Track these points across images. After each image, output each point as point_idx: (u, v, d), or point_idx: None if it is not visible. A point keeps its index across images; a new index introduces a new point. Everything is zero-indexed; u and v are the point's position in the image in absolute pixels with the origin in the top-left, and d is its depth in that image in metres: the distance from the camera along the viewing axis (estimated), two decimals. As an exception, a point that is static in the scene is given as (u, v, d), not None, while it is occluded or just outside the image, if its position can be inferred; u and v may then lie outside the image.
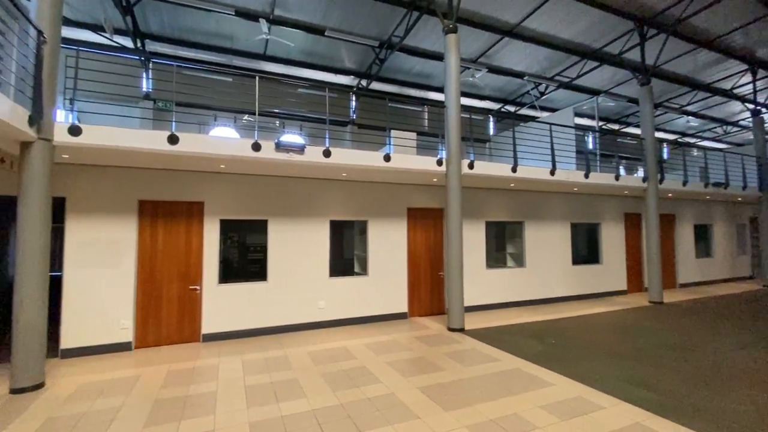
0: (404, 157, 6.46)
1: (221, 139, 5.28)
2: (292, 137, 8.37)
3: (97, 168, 5.63)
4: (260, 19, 8.00)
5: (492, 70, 10.96)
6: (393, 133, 7.83)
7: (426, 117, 13.06)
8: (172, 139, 4.95)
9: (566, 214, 9.77)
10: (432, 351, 5.49)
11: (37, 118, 4.08)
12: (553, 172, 7.88)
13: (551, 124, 8.50)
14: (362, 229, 7.69)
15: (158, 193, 5.95)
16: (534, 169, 7.72)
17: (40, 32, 4.13)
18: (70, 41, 7.98)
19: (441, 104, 7.04)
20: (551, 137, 8.22)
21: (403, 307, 7.61)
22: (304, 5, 7.92)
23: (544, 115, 12.83)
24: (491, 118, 13.95)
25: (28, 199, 4.15)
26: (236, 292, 6.29)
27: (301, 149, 5.55)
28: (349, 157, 5.97)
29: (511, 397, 3.90)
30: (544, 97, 12.58)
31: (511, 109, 13.58)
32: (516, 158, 7.56)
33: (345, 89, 11.28)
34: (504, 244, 9.68)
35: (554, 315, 7.88)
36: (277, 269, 6.60)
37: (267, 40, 9.13)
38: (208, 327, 6.09)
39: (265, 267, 6.57)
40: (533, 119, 12.64)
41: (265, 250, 6.60)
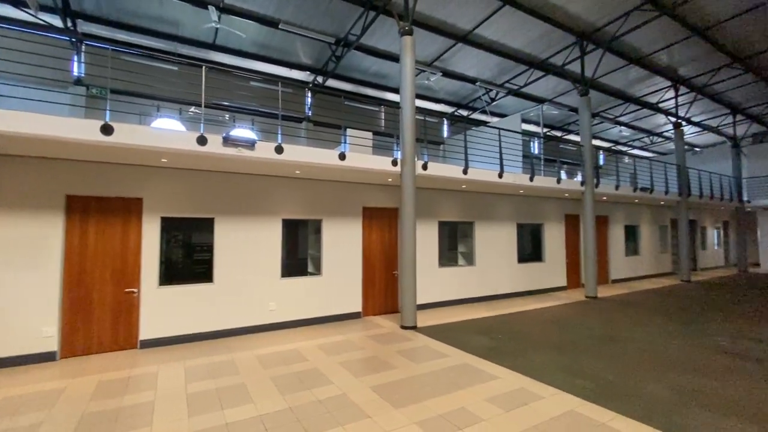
0: (360, 156, 6.44)
1: (163, 131, 4.94)
2: (243, 132, 8.04)
3: (17, 159, 5.03)
4: (209, 6, 7.60)
5: (446, 74, 11.26)
6: (349, 132, 7.79)
7: (382, 117, 13.14)
8: (106, 130, 4.55)
9: (513, 215, 10.29)
10: (385, 349, 5.53)
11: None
12: (501, 175, 8.25)
13: (500, 129, 8.90)
14: (317, 228, 7.57)
15: (90, 187, 5.44)
16: (484, 172, 8.03)
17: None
18: (-16, 15, 7.08)
19: (397, 105, 7.11)
20: (500, 142, 8.61)
21: (357, 307, 7.60)
22: (258, -5, 7.64)
23: (495, 120, 13.41)
24: (445, 121, 14.33)
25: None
26: (179, 295, 5.92)
27: (251, 144, 5.34)
28: (303, 155, 5.84)
29: (460, 392, 4.03)
30: (494, 103, 13.14)
31: (464, 113, 14.04)
32: (467, 161, 7.82)
33: (300, 85, 11.04)
34: (456, 243, 9.99)
35: (502, 311, 8.26)
36: (225, 270, 6.30)
37: (217, 29, 8.69)
38: (146, 332, 5.67)
39: (212, 268, 6.25)
40: (484, 124, 13.16)
41: (211, 249, 6.28)
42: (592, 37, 9.60)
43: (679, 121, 13.76)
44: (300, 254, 8.79)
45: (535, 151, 13.46)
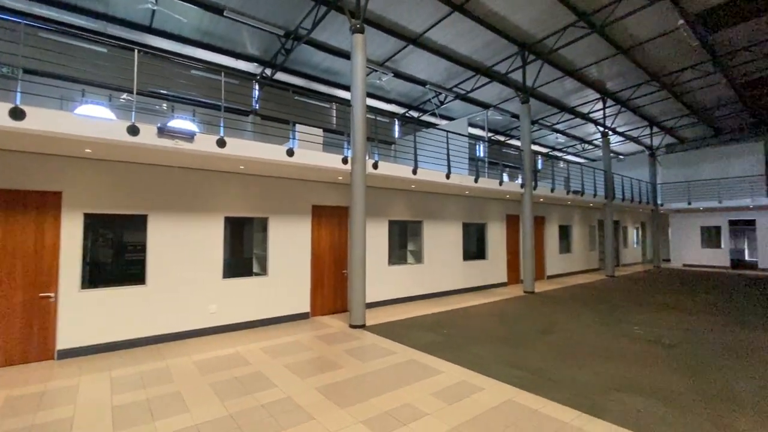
0: (309, 153, 6.30)
1: (87, 118, 4.46)
2: (182, 123, 7.54)
3: None
4: (144, -14, 7.01)
5: (398, 75, 11.39)
6: (298, 128, 7.60)
7: (334, 114, 12.99)
8: (16, 114, 4.02)
9: (459, 215, 10.68)
10: (332, 349, 5.48)
11: None
12: (448, 176, 8.52)
13: (448, 132, 9.19)
14: (263, 226, 7.30)
15: (-5, 179, 4.78)
16: (432, 173, 8.24)
17: None
18: None
19: (348, 103, 7.06)
20: (447, 144, 8.89)
21: (306, 307, 7.44)
22: (200, -21, 7.19)
23: (443, 123, 13.82)
24: (396, 122, 14.50)
25: None
26: (106, 299, 5.40)
27: (190, 136, 5.01)
28: (248, 149, 5.59)
29: (405, 388, 4.10)
30: (443, 106, 13.54)
31: (415, 114, 14.31)
32: (416, 161, 7.98)
33: (247, 77, 10.56)
34: (406, 241, 10.17)
35: (448, 307, 8.54)
36: (159, 271, 5.86)
37: (154, 11, 8.05)
38: (65, 341, 5.11)
39: (145, 268, 5.78)
40: (433, 126, 13.51)
41: (144, 249, 5.80)
42: (532, 49, 10.23)
43: (606, 130, 15.14)
44: (245, 254, 8.44)
45: (481, 154, 14.07)
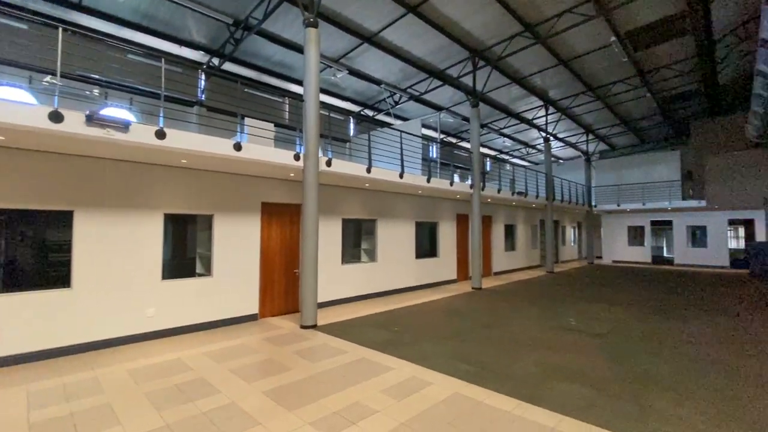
0: (259, 148, 6.06)
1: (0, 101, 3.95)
2: (116, 111, 6.96)
3: None
4: (72, -43, 6.34)
5: (353, 72, 11.33)
6: (248, 121, 7.30)
7: (287, 109, 12.63)
8: None
9: (412, 214, 10.87)
10: (281, 351, 5.33)
11: None
12: (402, 176, 8.62)
13: (402, 132, 9.31)
14: (208, 224, 6.91)
15: None
16: (386, 171, 8.30)
17: None
18: None
19: (302, 98, 6.89)
20: (401, 144, 9.00)
21: (254, 309, 7.17)
22: (138, -44, 6.64)
23: (398, 123, 13.98)
24: (351, 120, 14.43)
25: None
26: (19, 304, 4.82)
27: (124, 126, 4.60)
28: (192, 142, 5.26)
29: (356, 387, 4.09)
30: (398, 106, 13.69)
31: (370, 113, 14.33)
32: (371, 160, 7.99)
33: (192, 65, 9.95)
34: (360, 240, 10.16)
35: (400, 304, 8.65)
36: (88, 272, 5.34)
37: (83, -14, 7.31)
38: (-31, 353, 4.49)
39: (70, 270, 5.24)
40: (388, 125, 13.62)
41: (70, 248, 5.26)
42: (482, 55, 10.65)
43: (548, 136, 16.18)
44: (188, 253, 7.98)
45: (433, 155, 14.42)
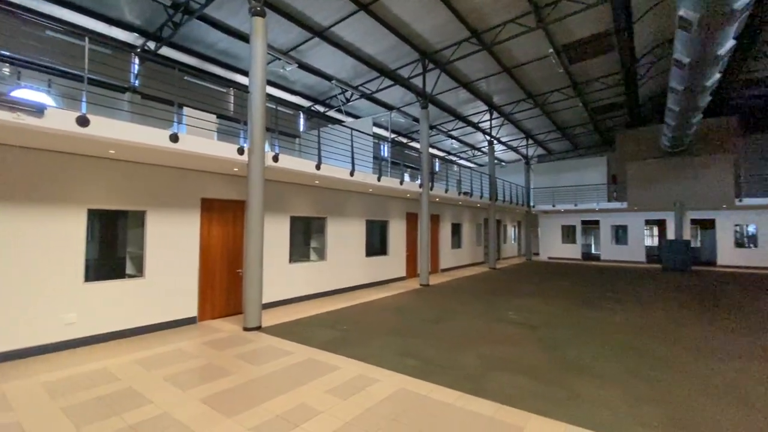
0: (199, 140, 5.69)
1: None
2: (30, 93, 6.19)
3: None
4: None
5: (303, 66, 11.07)
6: (187, 112, 6.85)
7: (232, 101, 12.02)
8: None
9: (363, 212, 10.87)
10: (222, 355, 5.06)
11: None
12: (352, 173, 8.58)
13: (353, 130, 9.26)
14: (141, 221, 6.37)
15: None
16: (336, 169, 8.21)
17: None
18: None
19: (248, 89, 6.57)
20: (352, 141, 8.95)
21: (192, 311, 6.74)
22: None
23: (349, 120, 13.89)
24: (301, 115, 14.09)
25: None
26: None
27: (37, 110, 4.09)
28: (121, 131, 4.81)
29: (301, 388, 4.00)
30: (349, 104, 13.60)
31: (321, 109, 14.09)
32: (320, 156, 7.85)
33: (123, 48, 9.10)
34: (308, 238, 9.96)
35: (349, 302, 8.62)
36: (-8, 275, 4.68)
37: (-13, -53, 6.38)
38: None
39: (-32, 272, 4.56)
40: (339, 122, 13.48)
41: (-33, 247, 4.58)
42: (432, 57, 10.91)
43: (492, 139, 16.99)
44: (118, 253, 7.35)
45: (384, 154, 14.53)
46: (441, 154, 22.90)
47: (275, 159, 6.74)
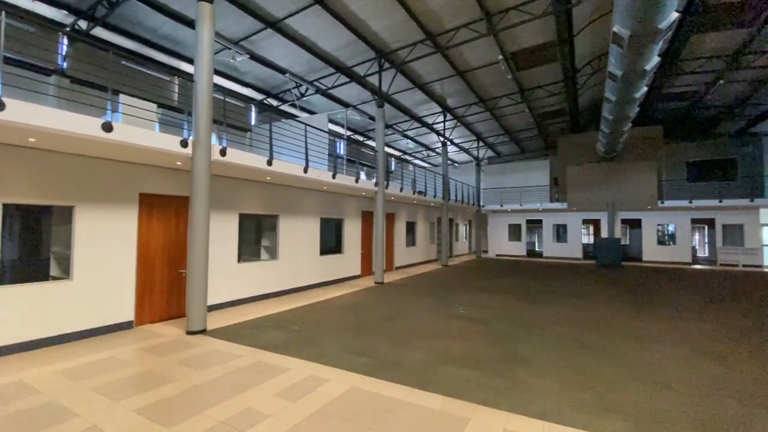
0: (136, 130, 5.27)
1: None
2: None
3: None
4: None
5: (255, 58, 10.66)
6: (124, 99, 6.33)
7: (176, 90, 11.29)
8: None
9: (317, 210, 10.70)
10: (161, 362, 4.74)
11: None
12: (306, 170, 8.40)
13: (307, 125, 9.07)
14: (68, 217, 5.78)
15: None
16: (289, 165, 7.99)
17: None
18: None
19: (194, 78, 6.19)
20: (306, 137, 8.76)
21: (129, 315, 6.24)
22: None
23: (304, 116, 13.60)
24: (253, 108, 13.56)
25: None
26: None
27: (-64, 90, 3.56)
28: (43, 118, 4.32)
29: (248, 392, 3.85)
30: (304, 99, 13.31)
31: (274, 102, 13.66)
32: (272, 152, 7.60)
33: (50, 26, 8.20)
34: (259, 237, 9.61)
35: (302, 302, 8.45)
36: None
37: None
38: None
39: None
40: (293, 117, 13.16)
41: None
42: (388, 57, 10.97)
43: (446, 140, 17.46)
44: (42, 253, 6.62)
45: (340, 151, 14.41)
46: (397, 154, 23.15)
47: (223, 153, 6.42)
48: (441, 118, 16.68)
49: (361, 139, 18.93)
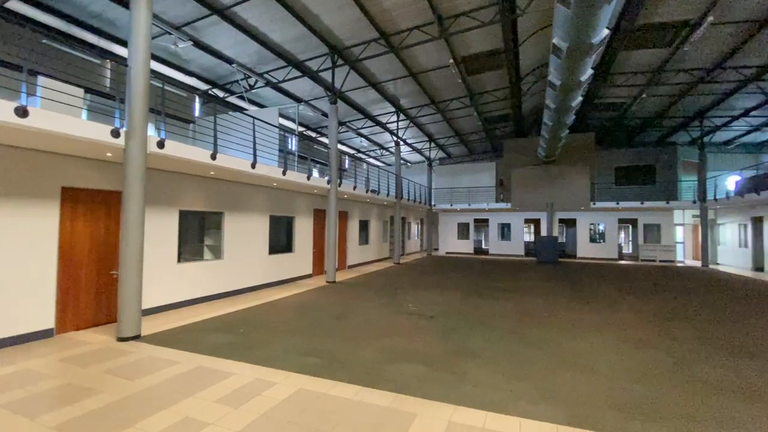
0: (58, 116, 4.73)
1: None
2: None
3: None
4: None
5: (199, 45, 10.04)
6: (43, 81, 5.67)
7: (108, 75, 10.32)
8: None
9: (266, 207, 10.33)
10: (86, 372, 4.31)
11: None
12: (254, 165, 8.08)
13: (255, 119, 8.72)
14: (-31, 212, 5.06)
15: None
16: (236, 160, 7.64)
17: None
18: None
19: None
20: (254, 131, 8.42)
21: (48, 323, 5.60)
22: None
23: (253, 109, 13.06)
24: (197, 98, 12.78)
25: None
26: None
27: None
28: (-63, 98, 3.74)
29: (186, 400, 3.63)
30: (253, 91, 12.79)
31: (220, 94, 12.98)
32: (216, 145, 7.21)
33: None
34: (202, 235, 9.08)
35: (249, 303, 8.12)
36: None
37: None
38: None
39: None
40: (242, 110, 12.60)
41: None
42: (342, 54, 10.86)
43: (399, 140, 17.67)
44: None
45: (291, 147, 14.03)
46: (351, 152, 23.04)
47: (160, 145, 5.97)
48: (394, 118, 16.85)
49: (313, 135, 18.59)
